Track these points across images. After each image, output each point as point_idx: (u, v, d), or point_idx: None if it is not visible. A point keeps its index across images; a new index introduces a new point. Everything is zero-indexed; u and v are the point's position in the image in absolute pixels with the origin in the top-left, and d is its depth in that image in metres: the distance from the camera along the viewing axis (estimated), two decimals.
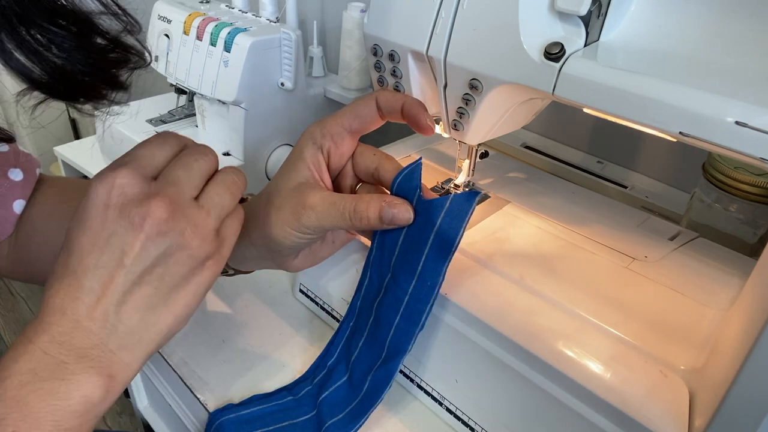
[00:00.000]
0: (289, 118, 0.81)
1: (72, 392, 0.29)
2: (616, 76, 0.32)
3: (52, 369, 0.29)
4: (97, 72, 0.31)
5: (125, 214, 0.30)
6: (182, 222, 0.31)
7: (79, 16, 0.30)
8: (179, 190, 0.32)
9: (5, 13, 0.27)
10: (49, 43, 0.29)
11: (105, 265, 0.30)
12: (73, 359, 0.29)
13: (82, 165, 0.92)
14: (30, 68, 0.29)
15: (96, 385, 0.29)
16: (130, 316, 0.30)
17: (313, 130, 0.40)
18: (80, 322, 0.29)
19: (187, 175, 0.33)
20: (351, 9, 0.79)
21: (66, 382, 0.29)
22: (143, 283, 0.30)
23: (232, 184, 0.34)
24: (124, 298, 0.30)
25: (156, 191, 0.31)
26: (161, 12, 0.79)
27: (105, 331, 0.30)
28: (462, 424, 0.43)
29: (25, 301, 1.76)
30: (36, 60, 0.29)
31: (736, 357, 0.29)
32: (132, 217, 0.30)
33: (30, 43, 0.28)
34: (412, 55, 0.41)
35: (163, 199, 0.30)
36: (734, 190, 0.50)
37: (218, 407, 0.44)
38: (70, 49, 0.30)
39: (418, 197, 0.38)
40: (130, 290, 0.30)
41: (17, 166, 0.47)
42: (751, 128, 0.27)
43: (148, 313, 0.31)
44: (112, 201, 0.30)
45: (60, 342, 0.29)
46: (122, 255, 0.30)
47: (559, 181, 0.56)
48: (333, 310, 0.52)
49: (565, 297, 0.40)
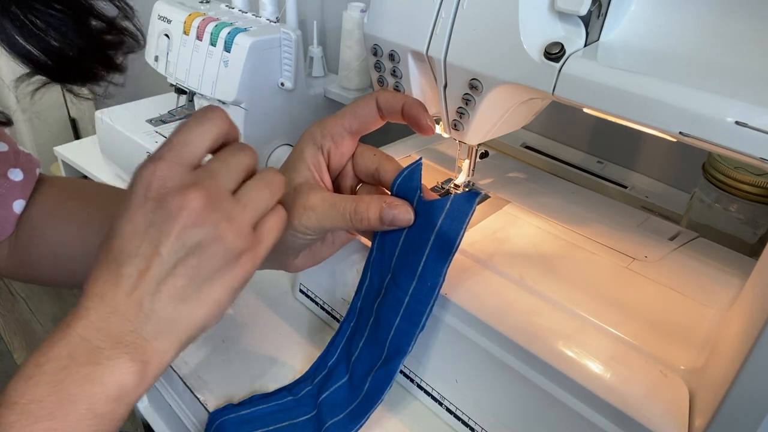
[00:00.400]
0: (289, 118, 0.81)
1: (107, 377, 0.29)
2: (616, 76, 0.32)
3: (88, 354, 0.29)
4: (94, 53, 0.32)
5: (163, 204, 0.30)
6: (217, 214, 0.31)
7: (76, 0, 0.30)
8: (217, 183, 0.32)
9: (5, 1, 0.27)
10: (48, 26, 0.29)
11: (143, 254, 0.30)
12: (109, 345, 0.30)
13: (82, 165, 0.92)
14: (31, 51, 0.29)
15: (130, 371, 0.30)
16: (164, 305, 0.31)
17: (314, 130, 0.40)
18: (117, 308, 0.30)
19: (226, 168, 0.33)
20: (351, 9, 0.79)
21: (101, 366, 0.29)
22: (177, 274, 0.31)
23: (272, 182, 0.35)
24: (158, 287, 0.30)
25: (193, 182, 0.31)
26: (161, 12, 0.79)
27: (140, 318, 0.30)
28: (462, 424, 0.43)
29: (25, 301, 1.76)
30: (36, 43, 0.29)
31: (736, 357, 0.29)
32: (169, 207, 0.30)
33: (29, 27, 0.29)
34: (412, 55, 0.41)
35: (200, 190, 0.31)
36: (734, 190, 0.50)
37: (218, 407, 0.44)
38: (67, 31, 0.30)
39: (418, 198, 0.38)
40: (164, 280, 0.31)
41: (17, 166, 0.47)
42: (751, 128, 0.27)
43: (181, 304, 0.31)
44: (151, 191, 0.31)
45: (97, 328, 0.30)
46: (158, 244, 0.30)
47: (559, 181, 0.56)
48: (333, 311, 0.52)
49: (565, 297, 0.40)
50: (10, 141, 0.48)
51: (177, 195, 0.30)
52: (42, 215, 0.48)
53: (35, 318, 1.70)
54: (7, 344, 1.62)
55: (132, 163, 0.84)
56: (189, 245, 0.31)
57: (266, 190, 0.34)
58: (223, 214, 0.31)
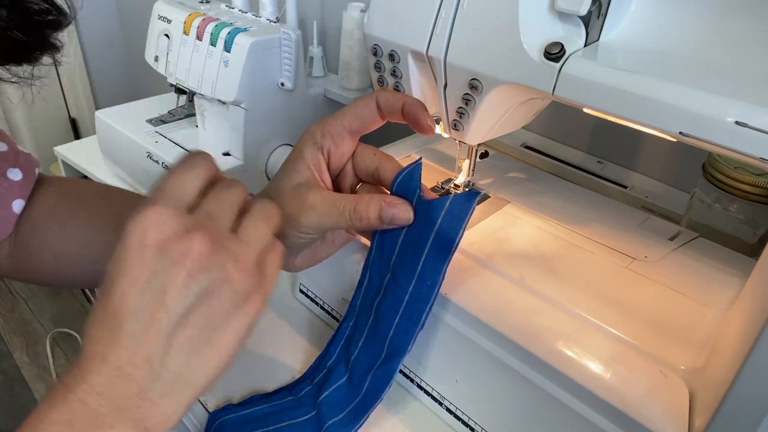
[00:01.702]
0: (289, 118, 0.81)
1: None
2: (616, 76, 0.32)
3: (89, 421, 0.27)
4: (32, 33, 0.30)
5: (165, 251, 0.28)
6: (223, 255, 0.29)
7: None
8: (217, 224, 0.30)
9: None
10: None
11: (146, 307, 0.28)
12: (110, 411, 0.28)
13: (82, 165, 0.92)
14: None
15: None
16: (174, 360, 0.29)
17: (314, 130, 0.40)
18: (122, 369, 0.28)
19: (222, 207, 0.31)
20: (351, 9, 0.79)
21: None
22: (186, 323, 0.29)
23: (269, 215, 0.33)
24: (168, 341, 0.28)
25: (194, 226, 0.29)
26: (161, 12, 0.79)
27: (148, 377, 0.28)
28: (462, 424, 0.43)
29: (25, 301, 1.76)
30: None
31: (736, 357, 0.29)
32: (172, 254, 0.28)
33: None
34: (412, 55, 0.41)
35: (203, 233, 0.29)
36: (734, 190, 0.50)
37: (218, 407, 0.44)
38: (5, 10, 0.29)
39: (418, 197, 0.38)
40: (173, 332, 0.29)
41: (16, 166, 0.47)
42: (751, 128, 0.27)
43: (192, 356, 0.29)
44: (149, 239, 0.29)
45: (99, 392, 0.28)
46: (163, 294, 0.28)
47: (559, 181, 0.56)
48: (333, 310, 0.52)
49: (565, 297, 0.40)
50: (10, 141, 0.48)
51: (179, 240, 0.29)
52: (42, 215, 0.48)
53: (35, 318, 1.70)
54: (7, 344, 1.62)
55: (132, 163, 0.84)
56: (197, 292, 0.29)
57: (264, 224, 0.33)
58: (228, 255, 0.30)
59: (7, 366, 1.56)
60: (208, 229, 0.30)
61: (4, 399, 1.47)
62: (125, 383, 0.28)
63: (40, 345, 1.61)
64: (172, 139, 0.81)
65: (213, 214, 0.31)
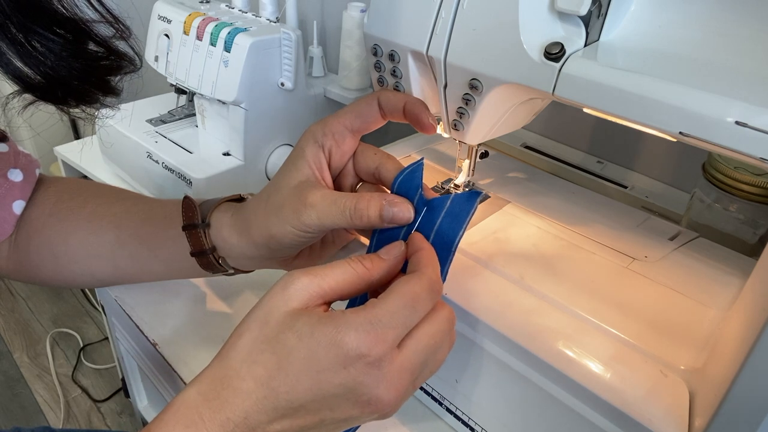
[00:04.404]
0: (289, 118, 0.81)
1: None
2: (616, 76, 0.32)
3: None
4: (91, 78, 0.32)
5: (359, 391, 0.30)
6: (396, 406, 0.32)
7: (76, 24, 0.30)
8: (416, 382, 0.33)
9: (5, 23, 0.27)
10: (47, 50, 0.29)
11: None
12: None
13: (82, 165, 0.92)
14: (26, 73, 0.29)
15: None
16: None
17: (315, 129, 0.40)
18: None
19: (430, 366, 0.34)
20: (351, 9, 0.79)
21: None
22: None
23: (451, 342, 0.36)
24: None
25: (394, 376, 0.31)
26: (161, 12, 0.79)
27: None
28: (462, 424, 0.43)
29: (25, 301, 1.76)
30: (33, 65, 0.29)
31: (736, 357, 0.29)
32: (361, 397, 0.30)
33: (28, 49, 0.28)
34: (412, 55, 0.41)
35: (398, 392, 0.31)
36: (734, 190, 0.50)
37: None
38: (66, 56, 0.30)
39: (419, 196, 0.38)
40: None
41: (17, 167, 0.47)
42: (751, 128, 0.27)
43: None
44: (353, 361, 0.30)
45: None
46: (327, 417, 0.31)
47: (559, 181, 0.56)
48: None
49: (565, 297, 0.40)
50: (10, 142, 0.48)
51: (373, 387, 0.30)
52: (42, 216, 0.48)
53: (35, 318, 1.70)
54: (7, 344, 1.62)
55: (132, 163, 0.84)
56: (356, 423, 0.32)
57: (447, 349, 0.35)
58: (397, 405, 0.32)
59: (7, 366, 1.56)
60: (405, 388, 0.32)
61: (4, 399, 1.47)
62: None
63: (40, 345, 1.61)
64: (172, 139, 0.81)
65: (421, 372, 0.33)
